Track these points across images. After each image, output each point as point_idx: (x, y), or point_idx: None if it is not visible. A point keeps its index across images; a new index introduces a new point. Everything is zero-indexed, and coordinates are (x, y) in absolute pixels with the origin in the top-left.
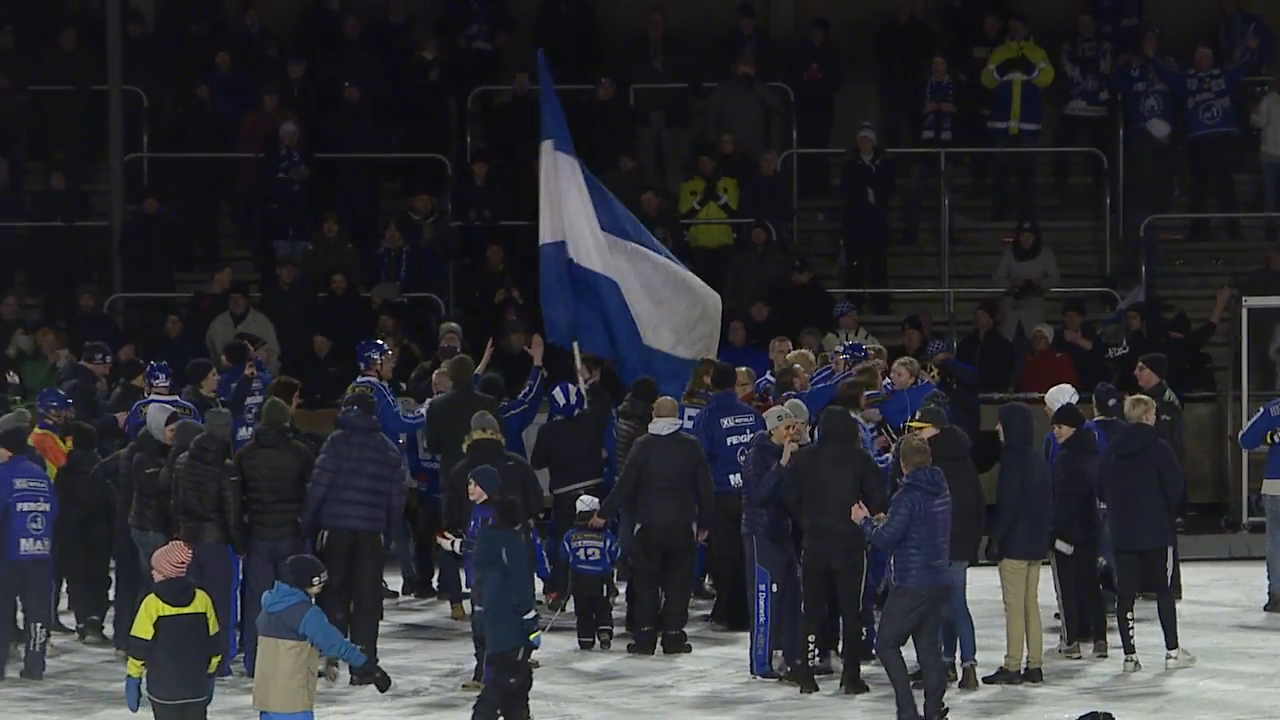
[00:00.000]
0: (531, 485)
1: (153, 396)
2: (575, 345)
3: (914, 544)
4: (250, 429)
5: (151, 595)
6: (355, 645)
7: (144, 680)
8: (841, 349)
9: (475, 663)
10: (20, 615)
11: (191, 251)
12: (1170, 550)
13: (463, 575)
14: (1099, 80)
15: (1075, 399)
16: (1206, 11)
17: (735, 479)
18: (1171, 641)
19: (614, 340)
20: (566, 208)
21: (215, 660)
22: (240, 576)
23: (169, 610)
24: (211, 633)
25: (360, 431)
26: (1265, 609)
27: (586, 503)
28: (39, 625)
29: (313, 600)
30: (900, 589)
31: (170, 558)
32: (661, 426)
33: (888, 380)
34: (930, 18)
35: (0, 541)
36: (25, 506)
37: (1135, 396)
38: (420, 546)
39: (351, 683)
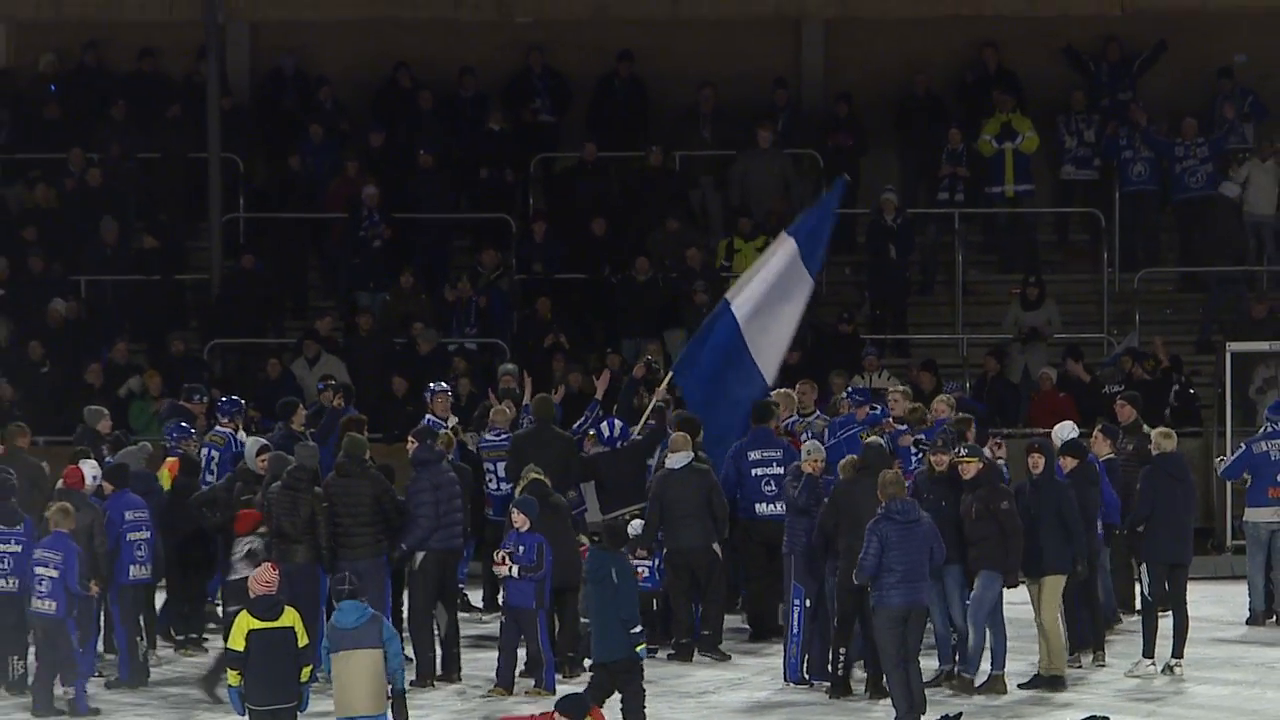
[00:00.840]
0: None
1: (217, 429)
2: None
3: (888, 568)
4: None
5: (244, 611)
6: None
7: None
8: (846, 394)
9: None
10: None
11: (283, 302)
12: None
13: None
14: (1090, 148)
15: (1076, 434)
16: (1193, 85)
17: (761, 507)
18: (1178, 651)
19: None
20: (760, 291)
21: (306, 670)
22: (327, 593)
23: (259, 624)
24: (300, 645)
25: (434, 463)
26: (1247, 623)
27: (637, 527)
28: (141, 639)
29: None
30: (878, 608)
31: (261, 578)
32: (676, 460)
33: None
34: (945, 91)
35: (112, 568)
36: (132, 536)
37: (1161, 429)
38: (489, 565)
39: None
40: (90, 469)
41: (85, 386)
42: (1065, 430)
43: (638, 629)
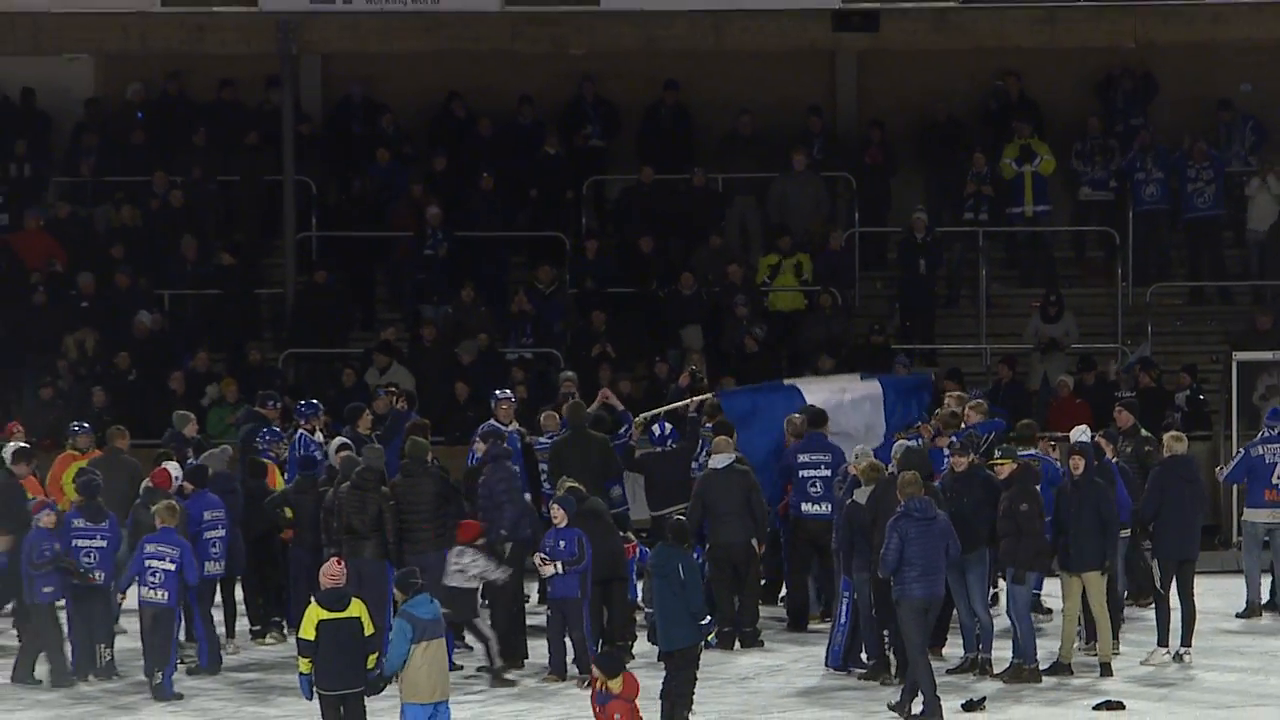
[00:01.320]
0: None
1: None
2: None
3: (909, 563)
4: None
5: (313, 603)
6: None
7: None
8: None
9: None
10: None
11: (352, 314)
12: None
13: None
14: (1106, 171)
15: (1088, 437)
16: (1203, 112)
17: (806, 506)
18: (1187, 640)
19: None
20: (834, 403)
21: (372, 658)
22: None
23: (327, 615)
24: (366, 634)
25: (505, 459)
26: (1243, 615)
27: None
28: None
29: None
30: (901, 601)
31: (328, 571)
32: (719, 461)
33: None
34: (970, 117)
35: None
36: (209, 534)
37: (1173, 433)
38: None
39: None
40: (173, 470)
41: (169, 393)
42: (1077, 434)
43: (706, 620)
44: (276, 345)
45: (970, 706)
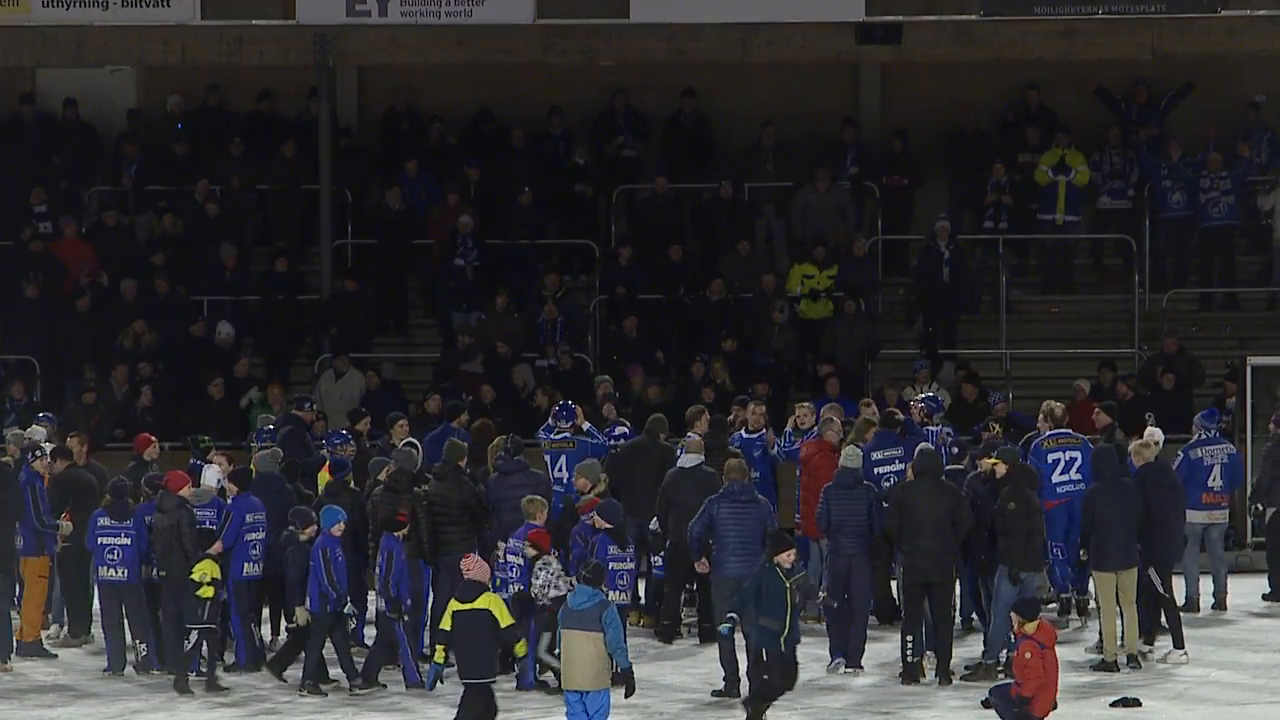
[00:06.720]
0: None
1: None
2: None
3: (722, 542)
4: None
5: (454, 597)
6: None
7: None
8: (920, 401)
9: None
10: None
11: (386, 320)
12: None
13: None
14: (1125, 180)
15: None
16: (1219, 123)
17: None
18: (1178, 641)
19: None
20: None
21: (519, 646)
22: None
23: (460, 606)
24: (502, 625)
25: (512, 470)
26: (1184, 609)
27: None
28: (255, 627)
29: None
30: (716, 579)
31: (464, 564)
32: None
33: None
34: (990, 128)
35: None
36: (249, 536)
37: (1140, 441)
38: None
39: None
40: (214, 473)
41: (207, 398)
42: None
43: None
44: (313, 351)
45: (988, 704)
